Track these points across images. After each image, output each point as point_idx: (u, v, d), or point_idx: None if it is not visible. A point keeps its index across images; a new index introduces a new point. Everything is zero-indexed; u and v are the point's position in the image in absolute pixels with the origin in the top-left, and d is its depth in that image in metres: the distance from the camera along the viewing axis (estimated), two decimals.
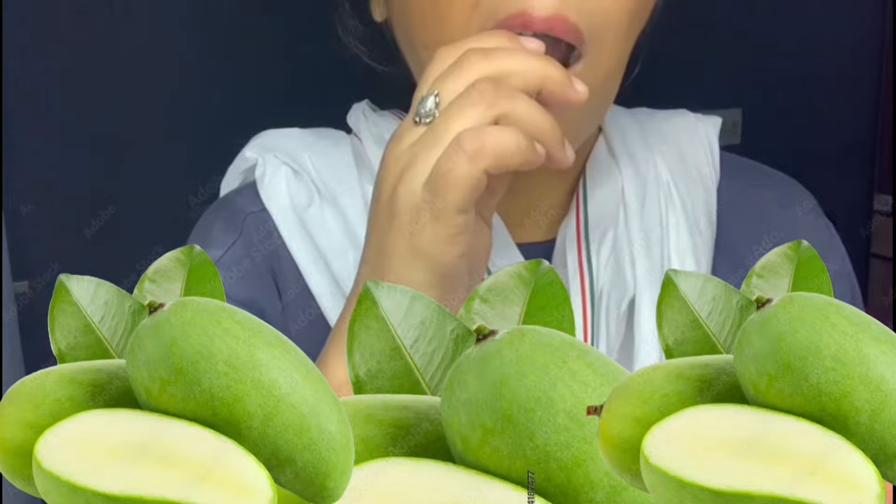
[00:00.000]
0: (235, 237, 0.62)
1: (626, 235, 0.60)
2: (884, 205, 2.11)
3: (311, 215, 0.61)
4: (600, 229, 0.60)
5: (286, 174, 0.62)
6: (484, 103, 0.47)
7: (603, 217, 0.60)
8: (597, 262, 0.59)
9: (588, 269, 0.59)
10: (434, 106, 0.48)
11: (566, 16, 0.51)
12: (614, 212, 0.61)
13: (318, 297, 0.60)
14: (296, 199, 0.62)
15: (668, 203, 0.62)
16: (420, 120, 0.49)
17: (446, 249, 0.47)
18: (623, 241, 0.60)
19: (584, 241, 0.60)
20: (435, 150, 0.47)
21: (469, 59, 0.48)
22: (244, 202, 0.63)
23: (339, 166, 0.63)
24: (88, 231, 1.65)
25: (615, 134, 0.63)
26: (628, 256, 0.60)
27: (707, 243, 0.62)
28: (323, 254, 0.60)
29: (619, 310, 0.59)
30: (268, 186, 0.62)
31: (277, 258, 0.62)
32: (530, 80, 0.48)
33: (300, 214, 0.61)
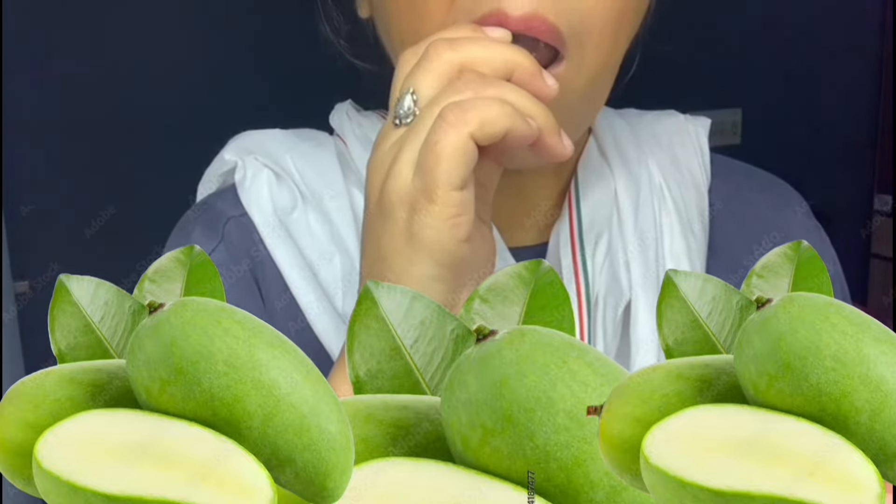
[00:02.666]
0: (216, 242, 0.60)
1: (620, 238, 0.59)
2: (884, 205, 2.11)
3: (295, 220, 0.60)
4: (594, 232, 0.59)
5: (268, 177, 0.60)
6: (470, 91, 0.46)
7: (596, 220, 0.59)
8: (592, 265, 0.58)
9: (583, 273, 0.58)
10: (413, 104, 0.47)
11: (544, 15, 0.49)
12: (608, 214, 0.60)
13: (304, 309, 0.58)
14: (278, 204, 0.60)
15: (661, 205, 0.61)
16: (400, 122, 0.47)
17: (448, 234, 0.45)
18: (618, 244, 0.59)
19: (578, 245, 0.59)
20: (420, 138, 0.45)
21: (434, 48, 0.47)
22: (224, 206, 0.61)
23: (323, 169, 0.61)
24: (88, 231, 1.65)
25: (606, 136, 0.62)
26: (623, 259, 0.59)
27: (700, 245, 0.61)
28: (308, 261, 0.58)
29: (616, 313, 0.58)
30: (249, 190, 0.60)
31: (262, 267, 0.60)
32: (498, 67, 0.47)
33: (283, 219, 0.59)
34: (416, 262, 0.46)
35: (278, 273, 0.59)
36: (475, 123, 0.44)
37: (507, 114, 0.45)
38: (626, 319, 0.59)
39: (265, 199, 0.60)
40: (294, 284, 0.58)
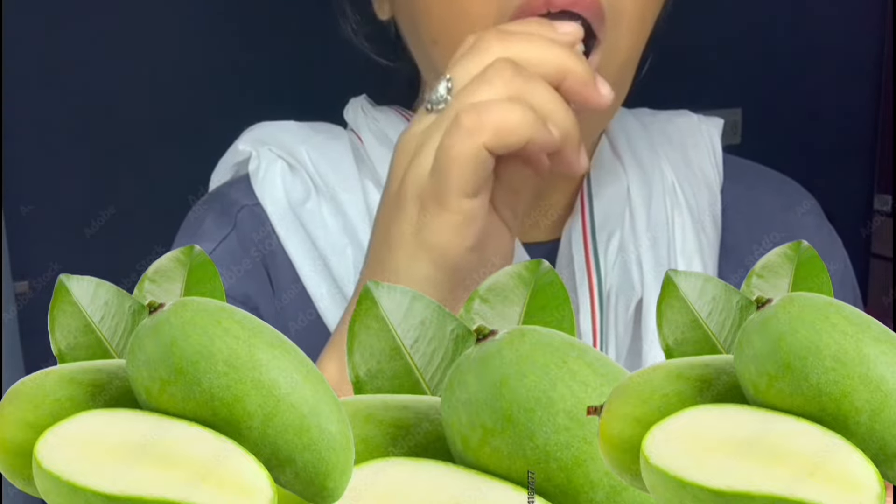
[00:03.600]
0: (229, 230, 0.60)
1: (632, 236, 0.60)
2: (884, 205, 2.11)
3: (308, 211, 0.60)
4: (607, 230, 0.59)
5: (281, 168, 0.60)
6: (500, 81, 0.43)
7: (609, 217, 0.60)
8: (604, 262, 0.58)
9: (596, 270, 0.58)
10: (446, 91, 0.46)
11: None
12: (620, 212, 0.60)
13: (315, 300, 0.58)
14: (292, 195, 0.60)
15: (673, 204, 0.61)
16: (431, 107, 0.46)
17: (453, 241, 0.44)
18: (629, 241, 0.59)
19: (590, 242, 0.59)
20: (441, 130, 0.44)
21: (485, 39, 0.45)
22: (238, 195, 0.61)
23: (337, 161, 0.61)
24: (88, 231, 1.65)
25: (619, 135, 0.63)
26: (635, 257, 0.59)
27: (713, 245, 0.62)
28: (321, 253, 0.59)
29: (628, 311, 0.58)
30: (262, 181, 0.60)
31: (273, 257, 0.60)
32: (550, 71, 0.44)
33: (296, 210, 0.60)
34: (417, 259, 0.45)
35: (289, 263, 0.59)
36: (490, 132, 0.42)
37: (527, 122, 0.43)
38: (637, 315, 0.59)
39: (279, 189, 0.60)
40: (305, 275, 0.59)
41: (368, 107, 0.64)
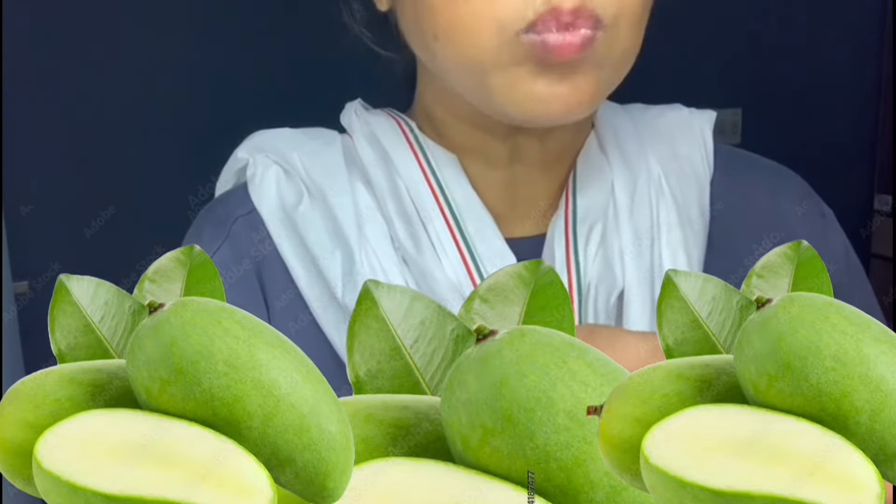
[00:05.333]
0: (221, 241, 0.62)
1: (615, 229, 0.60)
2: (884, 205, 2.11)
3: (301, 213, 0.61)
4: (588, 223, 0.60)
5: (276, 173, 0.62)
6: None
7: (591, 211, 0.61)
8: (584, 255, 0.60)
9: (575, 263, 0.59)
10: None
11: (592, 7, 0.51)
12: (603, 206, 0.61)
13: (310, 302, 0.59)
14: (286, 199, 0.62)
15: (659, 198, 0.62)
16: None
17: None
18: (612, 234, 0.60)
19: (571, 235, 0.60)
20: None
21: None
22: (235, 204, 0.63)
23: (329, 165, 0.63)
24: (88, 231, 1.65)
25: (607, 131, 0.63)
26: (618, 250, 0.60)
27: (699, 238, 0.62)
28: (312, 254, 0.60)
29: (608, 303, 0.59)
30: (258, 186, 0.62)
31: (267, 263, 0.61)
32: None
33: (289, 214, 0.61)
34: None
35: (283, 269, 0.60)
36: None
37: None
38: (619, 308, 0.59)
39: (273, 194, 0.62)
40: (300, 278, 0.60)
41: (362, 110, 0.65)
